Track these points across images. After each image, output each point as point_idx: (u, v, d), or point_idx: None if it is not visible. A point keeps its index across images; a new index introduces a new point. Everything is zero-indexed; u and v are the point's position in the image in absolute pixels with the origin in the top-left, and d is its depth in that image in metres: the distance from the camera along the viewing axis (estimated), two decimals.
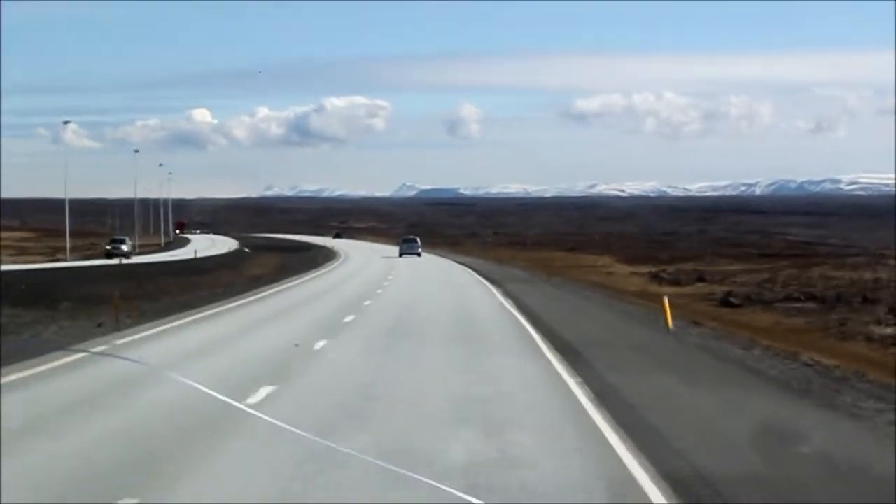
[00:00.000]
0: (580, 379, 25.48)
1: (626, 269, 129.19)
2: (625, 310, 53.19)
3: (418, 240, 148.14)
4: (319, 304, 53.69)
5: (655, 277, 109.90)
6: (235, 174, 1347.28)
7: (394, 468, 15.21)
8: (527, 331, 38.91)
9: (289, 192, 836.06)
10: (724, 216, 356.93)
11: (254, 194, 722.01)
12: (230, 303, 53.05)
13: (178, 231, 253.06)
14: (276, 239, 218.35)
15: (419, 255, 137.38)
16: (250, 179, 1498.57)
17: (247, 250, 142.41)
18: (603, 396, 22.77)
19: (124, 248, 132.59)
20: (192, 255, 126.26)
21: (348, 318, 42.87)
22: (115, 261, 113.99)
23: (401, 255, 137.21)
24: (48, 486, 14.69)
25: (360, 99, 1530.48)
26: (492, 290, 66.75)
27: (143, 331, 37.23)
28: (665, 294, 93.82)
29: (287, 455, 16.39)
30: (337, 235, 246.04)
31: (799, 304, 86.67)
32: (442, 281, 78.47)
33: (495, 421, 19.79)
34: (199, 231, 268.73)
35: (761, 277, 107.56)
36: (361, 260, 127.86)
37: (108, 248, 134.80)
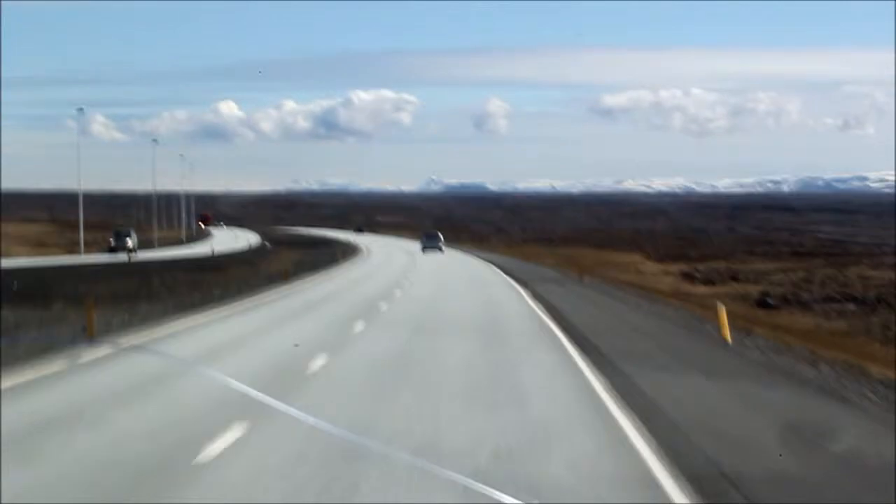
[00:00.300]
0: (645, 429, 18.44)
1: (657, 266, 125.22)
2: (667, 315, 48.17)
3: (440, 235, 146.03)
4: (330, 307, 48.76)
5: (687, 276, 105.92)
6: (262, 168, 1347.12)
7: (424, 465, 15.04)
8: (561, 343, 33.57)
9: (315, 187, 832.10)
10: (753, 213, 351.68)
11: (280, 188, 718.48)
12: (236, 305, 49.09)
13: (202, 225, 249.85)
14: (299, 234, 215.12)
15: (441, 250, 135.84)
16: (277, 173, 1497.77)
17: (268, 246, 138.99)
18: (689, 461, 16.01)
19: (129, 242, 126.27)
20: (209, 252, 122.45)
21: (359, 327, 37.87)
22: (123, 256, 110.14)
23: (423, 250, 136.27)
24: (65, 483, 14.51)
25: (386, 93, 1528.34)
26: (520, 292, 61.88)
27: (117, 341, 32.41)
28: (698, 293, 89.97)
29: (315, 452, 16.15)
30: (359, 230, 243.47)
31: (837, 306, 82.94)
32: (465, 280, 74.13)
33: None
34: (223, 224, 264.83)
35: (797, 277, 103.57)
36: (382, 256, 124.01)
37: (111, 242, 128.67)
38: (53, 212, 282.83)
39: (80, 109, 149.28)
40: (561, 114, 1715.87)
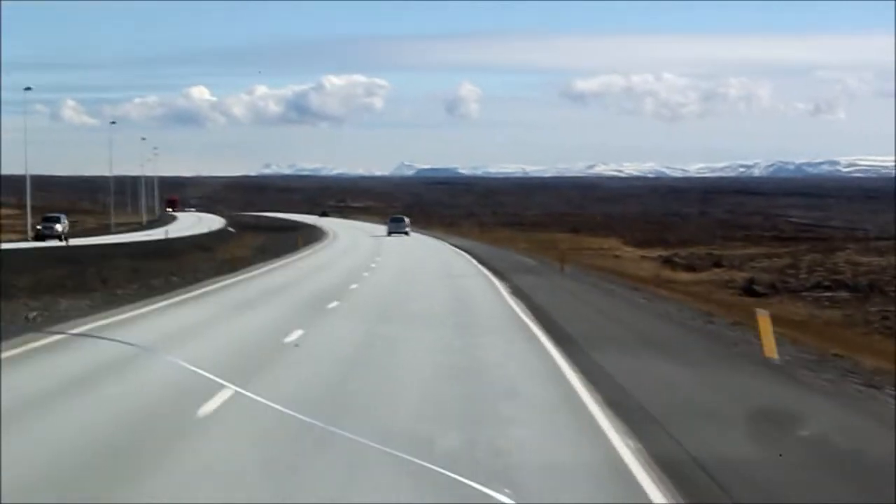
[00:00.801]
0: None
1: (635, 252, 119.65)
2: (672, 315, 40.35)
3: (406, 219, 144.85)
4: (280, 301, 42.68)
5: (668, 262, 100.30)
6: (234, 152, 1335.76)
7: (396, 453, 14.54)
8: (558, 369, 24.37)
9: (287, 171, 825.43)
10: (724, 198, 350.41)
11: (252, 172, 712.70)
12: (175, 296, 43.36)
13: (169, 209, 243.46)
14: (267, 218, 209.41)
15: (407, 233, 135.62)
16: (249, 158, 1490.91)
17: (231, 230, 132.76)
18: None
19: (58, 227, 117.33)
20: (163, 236, 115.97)
21: (293, 336, 29.16)
22: (55, 242, 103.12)
23: (389, 233, 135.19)
24: (32, 469, 14.06)
25: (358, 77, 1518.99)
26: (496, 286, 52.99)
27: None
28: (681, 280, 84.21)
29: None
30: (323, 214, 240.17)
31: (829, 294, 77.52)
32: (433, 269, 68.02)
33: None
34: (194, 209, 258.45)
35: (782, 263, 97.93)
36: (348, 241, 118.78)
37: (38, 228, 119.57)
38: (21, 197, 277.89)
39: (28, 88, 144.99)
40: (533, 98, 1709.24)
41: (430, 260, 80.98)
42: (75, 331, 29.73)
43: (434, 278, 60.03)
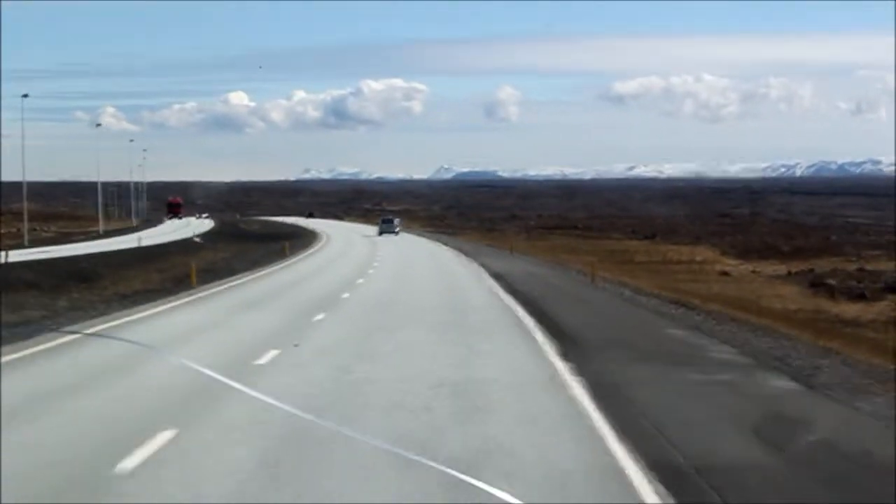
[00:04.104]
0: None
1: (741, 265, 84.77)
2: None
3: (396, 220, 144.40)
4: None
5: (815, 286, 65.25)
6: (273, 157, 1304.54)
7: (397, 451, 13.88)
8: None
9: (326, 175, 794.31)
10: (771, 198, 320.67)
11: (292, 177, 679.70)
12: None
13: (171, 214, 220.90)
14: (267, 223, 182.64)
15: (397, 233, 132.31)
16: (288, 163, 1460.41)
17: (198, 240, 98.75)
18: None
19: None
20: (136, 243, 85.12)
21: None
22: None
23: (380, 233, 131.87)
24: (35, 467, 13.57)
25: (397, 82, 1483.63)
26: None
27: None
28: (856, 317, 49.81)
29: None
30: (310, 215, 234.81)
31: None
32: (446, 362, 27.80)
33: None
34: (198, 214, 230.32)
35: None
36: (338, 247, 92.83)
37: None
38: (49, 202, 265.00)
39: (25, 96, 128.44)
40: (572, 101, 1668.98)
41: (447, 307, 38.88)
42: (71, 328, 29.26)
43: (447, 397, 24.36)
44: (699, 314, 36.04)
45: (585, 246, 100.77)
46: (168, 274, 50.43)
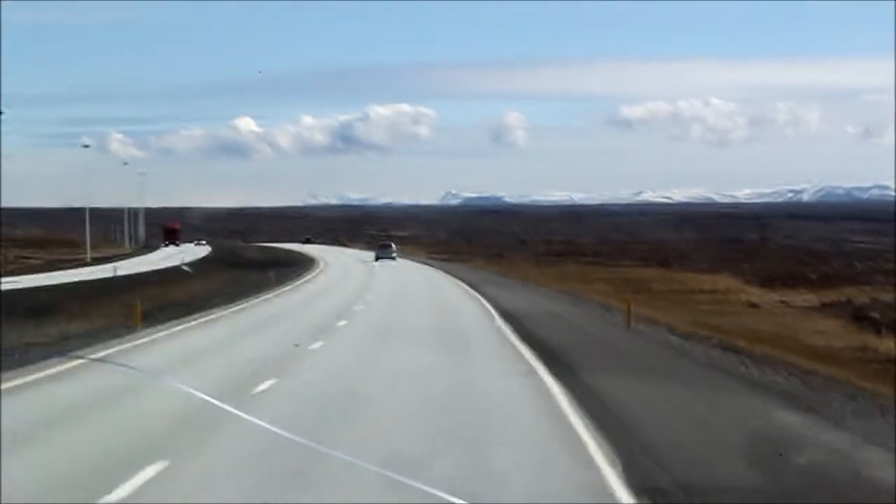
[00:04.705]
0: None
1: (766, 295, 78.33)
2: None
3: (393, 245, 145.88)
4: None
5: (859, 320, 58.72)
6: (280, 183, 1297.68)
7: (390, 474, 13.93)
8: None
9: (334, 201, 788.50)
10: (779, 223, 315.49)
11: (298, 203, 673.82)
12: None
13: (167, 240, 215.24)
14: (267, 249, 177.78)
15: (394, 258, 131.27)
16: (295, 188, 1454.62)
17: (186, 269, 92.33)
18: None
19: None
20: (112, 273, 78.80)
21: None
22: None
23: (377, 259, 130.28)
24: (39, 487, 14.03)
25: (404, 107, 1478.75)
26: None
27: None
28: None
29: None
30: (307, 241, 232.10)
31: None
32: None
33: None
34: (196, 241, 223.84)
35: None
36: (330, 277, 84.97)
37: None
38: (53, 228, 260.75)
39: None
40: (579, 126, 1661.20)
41: (449, 352, 33.28)
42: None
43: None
44: (779, 372, 28.05)
45: (598, 274, 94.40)
46: (130, 310, 44.06)
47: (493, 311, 50.07)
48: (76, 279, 72.19)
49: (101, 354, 30.58)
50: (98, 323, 39.78)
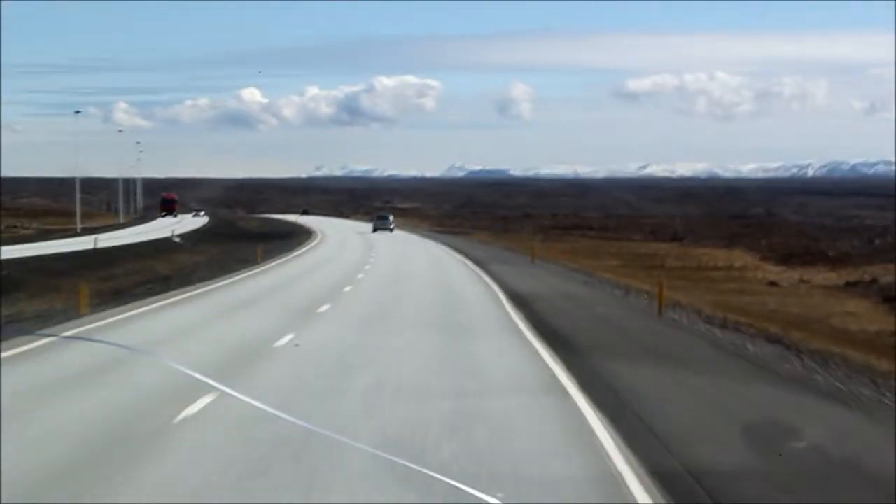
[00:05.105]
0: None
1: (786, 273, 74.16)
2: None
3: (391, 216, 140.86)
4: None
5: (890, 300, 54.52)
6: (285, 154, 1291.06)
7: (383, 454, 13.37)
8: None
9: (339, 173, 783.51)
10: (785, 198, 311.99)
11: (303, 174, 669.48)
12: None
13: (164, 211, 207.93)
14: (267, 220, 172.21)
15: (391, 230, 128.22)
16: (300, 160, 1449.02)
17: (177, 240, 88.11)
18: None
19: None
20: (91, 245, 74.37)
21: None
22: None
23: (374, 230, 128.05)
24: (26, 467, 13.49)
25: (410, 78, 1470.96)
26: None
27: None
28: None
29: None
30: (304, 212, 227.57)
31: None
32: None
33: None
34: (201, 211, 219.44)
35: None
36: (325, 251, 79.66)
37: None
38: (57, 198, 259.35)
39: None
40: (584, 98, 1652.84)
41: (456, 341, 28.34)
42: (67, 334, 27.72)
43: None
44: (853, 377, 23.03)
45: (608, 248, 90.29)
46: (93, 287, 39.77)
47: (501, 294, 43.65)
48: (53, 251, 67.81)
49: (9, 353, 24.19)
50: (37, 305, 35.05)
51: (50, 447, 14.55)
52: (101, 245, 77.95)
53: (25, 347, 24.55)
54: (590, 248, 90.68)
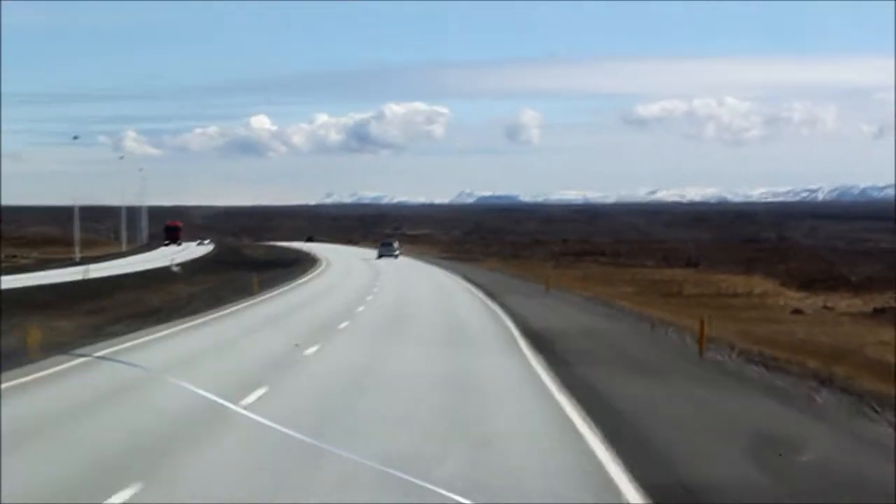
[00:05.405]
0: None
1: (808, 299, 70.92)
2: None
3: (396, 243, 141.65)
4: None
5: None
6: (295, 181, 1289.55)
7: (390, 471, 13.65)
8: None
9: (348, 200, 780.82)
10: (795, 222, 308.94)
11: (313, 202, 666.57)
12: None
13: (168, 239, 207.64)
14: (274, 248, 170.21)
15: (396, 256, 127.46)
16: (310, 187, 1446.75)
17: (176, 269, 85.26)
18: None
19: None
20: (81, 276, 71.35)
21: None
22: None
23: (379, 256, 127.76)
24: (43, 487, 13.62)
25: (419, 105, 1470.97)
26: None
27: None
28: None
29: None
30: (309, 239, 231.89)
31: None
32: None
33: None
34: (200, 240, 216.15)
35: None
36: (326, 280, 75.93)
37: None
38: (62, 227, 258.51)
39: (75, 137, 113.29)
40: (594, 124, 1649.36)
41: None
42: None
43: None
44: None
45: (622, 275, 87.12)
46: (73, 322, 36.61)
47: (515, 332, 38.59)
48: (42, 281, 64.65)
49: None
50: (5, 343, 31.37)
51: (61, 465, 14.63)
52: (100, 274, 75.03)
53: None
54: (603, 274, 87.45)
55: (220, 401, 17.58)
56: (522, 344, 34.51)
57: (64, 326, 36.76)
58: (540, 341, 34.56)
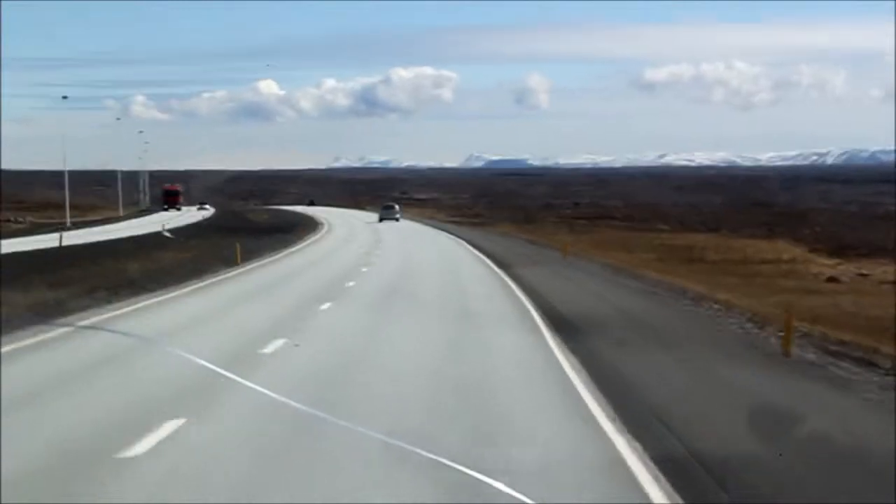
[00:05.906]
0: None
1: (843, 267, 66.02)
2: None
3: (397, 206, 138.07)
4: None
5: None
6: (303, 145, 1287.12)
7: (391, 441, 12.89)
8: None
9: (357, 164, 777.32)
10: (806, 186, 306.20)
11: (321, 166, 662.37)
12: None
13: (167, 204, 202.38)
14: (277, 212, 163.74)
15: (398, 219, 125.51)
16: (318, 151, 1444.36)
17: (167, 235, 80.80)
18: None
19: None
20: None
21: None
22: None
23: (380, 220, 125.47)
24: (37, 455, 12.82)
25: (426, 70, 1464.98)
26: None
27: None
28: None
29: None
30: (311, 203, 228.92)
31: None
32: None
33: None
34: (199, 205, 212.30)
35: None
36: (325, 248, 71.21)
37: None
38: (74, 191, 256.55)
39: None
40: (602, 88, 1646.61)
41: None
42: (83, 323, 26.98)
43: None
44: None
45: (639, 240, 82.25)
46: (29, 298, 31.84)
47: (536, 316, 30.27)
48: (12, 250, 59.86)
49: None
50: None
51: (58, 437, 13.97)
52: (89, 240, 70.48)
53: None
54: (619, 240, 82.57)
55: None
56: (545, 332, 26.77)
57: (16, 299, 31.96)
58: (567, 331, 26.42)
